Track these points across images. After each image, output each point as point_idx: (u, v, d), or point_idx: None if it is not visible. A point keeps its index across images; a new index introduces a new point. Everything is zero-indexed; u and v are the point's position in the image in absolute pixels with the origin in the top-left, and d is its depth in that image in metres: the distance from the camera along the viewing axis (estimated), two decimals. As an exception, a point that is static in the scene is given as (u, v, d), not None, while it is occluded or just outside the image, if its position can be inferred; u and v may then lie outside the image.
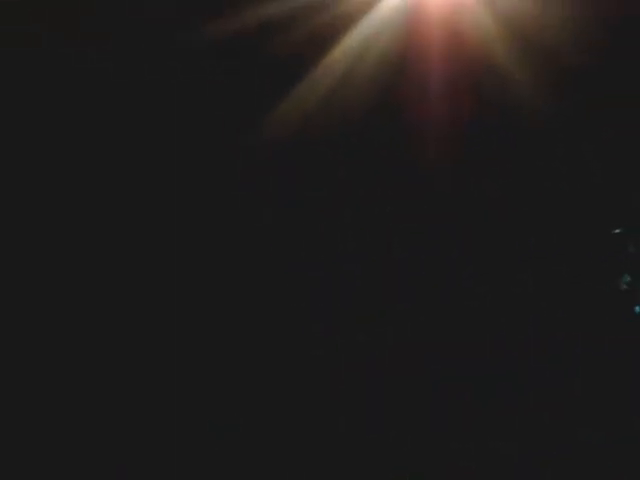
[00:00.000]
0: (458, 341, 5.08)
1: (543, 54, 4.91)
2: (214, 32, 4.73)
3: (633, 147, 4.99)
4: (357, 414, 4.98)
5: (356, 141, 5.11)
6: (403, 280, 5.18)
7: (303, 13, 4.77)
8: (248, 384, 5.03)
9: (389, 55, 4.92)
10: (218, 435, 4.92)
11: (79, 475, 4.69)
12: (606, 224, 4.84)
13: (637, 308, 4.72)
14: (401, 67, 4.96)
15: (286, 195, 5.17)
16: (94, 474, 4.70)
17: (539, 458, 4.82)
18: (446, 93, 5.01)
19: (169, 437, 4.88)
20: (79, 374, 4.95)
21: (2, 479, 4.61)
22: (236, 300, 5.15)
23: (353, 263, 5.20)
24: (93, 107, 5.00)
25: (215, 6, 4.69)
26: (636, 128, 5.01)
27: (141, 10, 4.72)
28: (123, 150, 5.06)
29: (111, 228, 5.08)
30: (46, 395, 4.90)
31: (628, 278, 4.74)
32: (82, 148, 5.05)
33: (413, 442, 4.89)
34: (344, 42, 4.86)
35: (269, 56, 4.87)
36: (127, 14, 4.73)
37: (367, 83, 4.97)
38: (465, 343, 5.07)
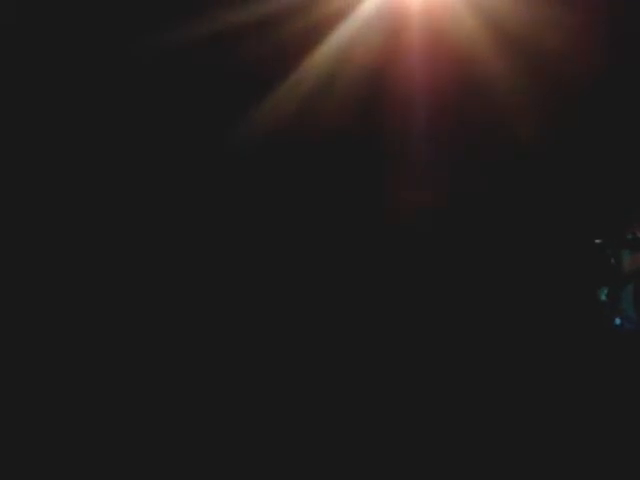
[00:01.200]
0: (442, 351, 5.01)
1: (528, 54, 4.97)
2: (195, 33, 4.91)
3: (618, 156, 4.96)
4: (352, 414, 4.91)
5: (339, 144, 5.17)
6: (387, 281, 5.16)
7: (285, 14, 4.95)
8: (246, 384, 4.99)
9: (372, 56, 5.04)
10: (218, 435, 4.86)
11: (79, 475, 4.67)
12: (587, 235, 4.77)
13: (617, 320, 4.58)
14: (384, 69, 5.07)
15: (270, 197, 5.22)
16: (94, 474, 4.66)
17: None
18: (430, 94, 5.08)
19: (169, 437, 4.84)
20: (79, 374, 4.96)
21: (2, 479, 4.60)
22: (229, 298, 5.16)
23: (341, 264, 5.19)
24: (82, 108, 5.16)
25: (198, 7, 4.88)
26: (622, 134, 4.99)
27: (126, 12, 4.92)
28: (110, 151, 5.19)
29: (101, 227, 5.16)
30: (46, 395, 4.90)
31: (608, 289, 4.62)
32: (70, 148, 5.19)
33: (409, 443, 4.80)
34: (326, 44, 5.00)
35: (252, 57, 5.02)
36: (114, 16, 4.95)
37: (350, 85, 5.07)
38: (447, 353, 5.00)
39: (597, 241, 4.71)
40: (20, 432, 4.89)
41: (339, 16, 5.03)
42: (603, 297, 4.60)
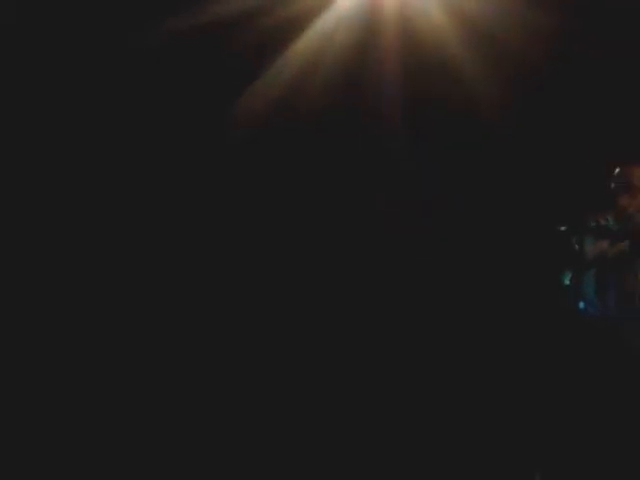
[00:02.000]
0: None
1: (496, 47, 5.10)
2: (174, 27, 4.98)
3: (581, 145, 5.10)
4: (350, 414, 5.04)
5: (316, 136, 5.28)
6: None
7: (261, 10, 5.05)
8: (245, 384, 5.10)
9: (346, 52, 5.15)
10: (218, 435, 4.95)
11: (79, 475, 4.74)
12: (552, 222, 4.96)
13: (581, 304, 4.81)
14: (358, 63, 5.19)
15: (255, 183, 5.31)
16: (94, 474, 4.74)
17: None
18: (403, 83, 5.21)
19: (169, 437, 4.92)
20: (79, 374, 5.03)
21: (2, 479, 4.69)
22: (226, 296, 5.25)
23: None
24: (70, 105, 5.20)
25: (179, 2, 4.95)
26: (587, 123, 5.12)
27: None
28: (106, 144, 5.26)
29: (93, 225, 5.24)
30: (46, 395, 4.98)
31: (572, 275, 4.84)
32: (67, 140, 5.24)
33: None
34: (301, 40, 5.12)
35: (231, 51, 5.10)
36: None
37: (324, 81, 5.19)
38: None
39: (562, 228, 4.93)
40: (20, 432, 4.94)
41: (318, 9, 5.14)
42: (567, 282, 4.84)
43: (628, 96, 5.22)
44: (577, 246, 4.79)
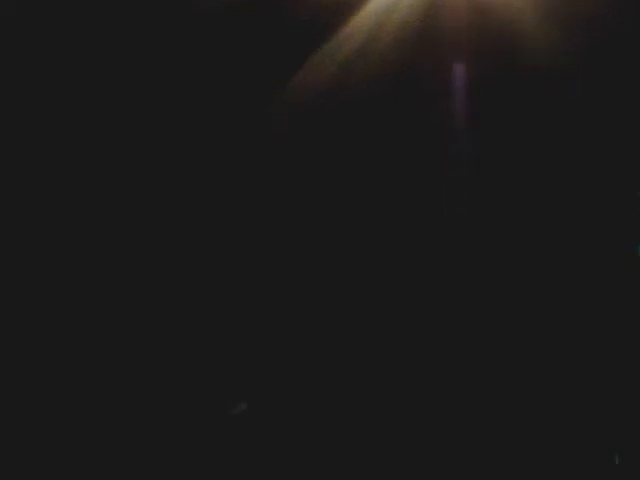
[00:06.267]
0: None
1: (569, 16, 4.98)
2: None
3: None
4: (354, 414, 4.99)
5: (373, 115, 5.19)
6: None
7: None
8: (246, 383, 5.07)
9: (409, 24, 5.07)
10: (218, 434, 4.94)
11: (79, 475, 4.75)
12: (627, 188, 4.86)
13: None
14: (421, 36, 5.09)
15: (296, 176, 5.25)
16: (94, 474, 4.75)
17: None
18: (466, 62, 5.12)
19: (169, 437, 4.92)
20: (79, 374, 5.03)
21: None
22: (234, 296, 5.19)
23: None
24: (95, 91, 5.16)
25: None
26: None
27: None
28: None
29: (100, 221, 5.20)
30: (46, 395, 4.98)
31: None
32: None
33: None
34: (363, 11, 5.03)
35: (288, 23, 5.03)
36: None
37: (387, 52, 5.11)
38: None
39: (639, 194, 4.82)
40: (20, 432, 4.96)
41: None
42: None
43: None
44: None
